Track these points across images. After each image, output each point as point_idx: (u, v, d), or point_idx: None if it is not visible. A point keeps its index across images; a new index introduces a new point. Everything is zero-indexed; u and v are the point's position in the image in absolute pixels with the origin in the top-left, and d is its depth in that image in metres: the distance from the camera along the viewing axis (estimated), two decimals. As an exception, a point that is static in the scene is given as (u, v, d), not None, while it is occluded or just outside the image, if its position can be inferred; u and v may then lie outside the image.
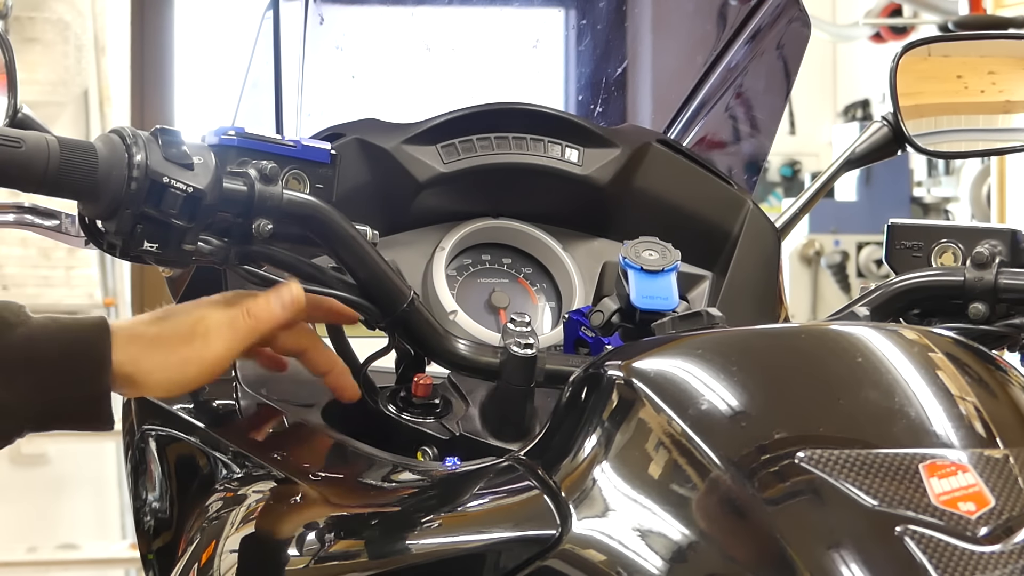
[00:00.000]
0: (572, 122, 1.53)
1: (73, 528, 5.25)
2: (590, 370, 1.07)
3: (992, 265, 1.39)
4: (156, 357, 1.20)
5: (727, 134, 1.79)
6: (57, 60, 5.28)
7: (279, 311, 1.23)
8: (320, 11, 1.56)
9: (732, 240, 1.55)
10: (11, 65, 1.46)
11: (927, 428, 0.94)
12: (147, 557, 1.46)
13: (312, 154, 1.26)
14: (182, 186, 1.16)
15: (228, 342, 1.22)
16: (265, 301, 1.23)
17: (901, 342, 1.02)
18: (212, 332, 1.21)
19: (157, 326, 1.21)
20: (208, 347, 1.21)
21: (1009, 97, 1.71)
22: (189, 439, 1.38)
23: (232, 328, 1.22)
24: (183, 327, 1.21)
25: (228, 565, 1.21)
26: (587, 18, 1.76)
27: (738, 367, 1.01)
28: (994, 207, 5.03)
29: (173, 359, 1.20)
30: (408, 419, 1.32)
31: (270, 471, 1.25)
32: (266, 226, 1.21)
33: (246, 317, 1.22)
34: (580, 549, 0.96)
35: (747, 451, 0.94)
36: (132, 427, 1.50)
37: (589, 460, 1.01)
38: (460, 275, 1.51)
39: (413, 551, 1.09)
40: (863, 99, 7.71)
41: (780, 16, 1.69)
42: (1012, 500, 0.90)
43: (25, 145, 1.15)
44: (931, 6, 6.51)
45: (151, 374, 1.20)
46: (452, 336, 1.30)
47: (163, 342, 1.20)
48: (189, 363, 1.21)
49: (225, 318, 1.22)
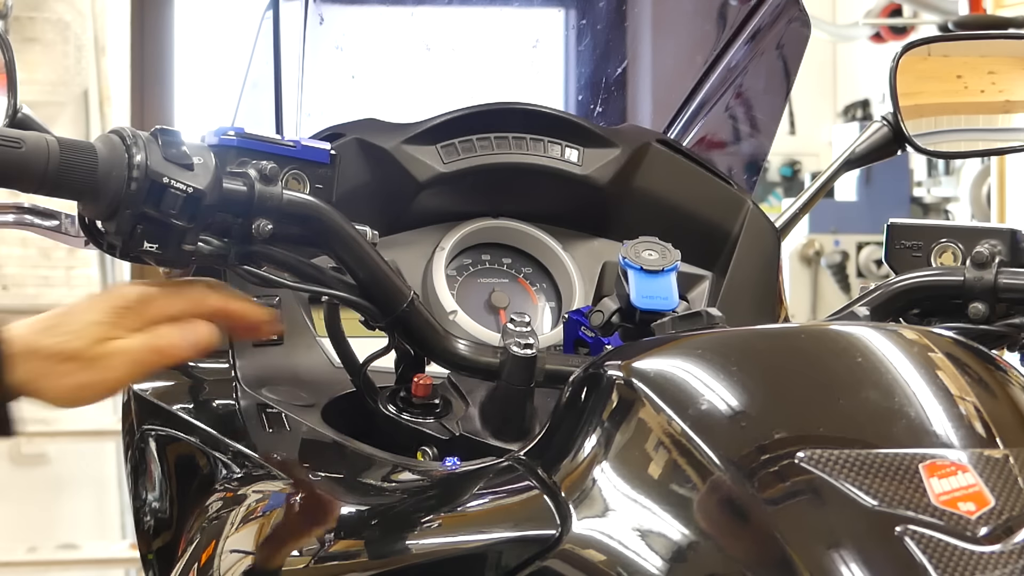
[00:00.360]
0: (572, 122, 1.53)
1: (73, 528, 5.25)
2: (590, 370, 1.07)
3: (992, 265, 1.39)
4: (53, 378, 1.16)
5: (727, 134, 1.79)
6: (57, 60, 5.28)
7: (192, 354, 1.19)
8: (320, 11, 1.56)
9: (732, 240, 1.55)
10: (11, 65, 1.46)
11: (927, 428, 0.94)
12: (147, 557, 1.46)
13: (312, 154, 1.26)
14: (182, 186, 1.16)
15: (129, 372, 1.17)
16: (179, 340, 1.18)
17: (901, 342, 1.02)
18: (115, 358, 1.16)
19: (55, 337, 1.16)
20: (108, 374, 1.16)
21: (1009, 97, 1.71)
22: (189, 439, 1.38)
23: (135, 361, 1.17)
24: (83, 346, 1.16)
25: (228, 565, 1.21)
26: (587, 18, 1.76)
27: (738, 367, 1.01)
28: (994, 207, 5.03)
29: (70, 381, 1.16)
30: (408, 419, 1.32)
31: (270, 471, 1.25)
32: (266, 226, 1.21)
33: (153, 353, 1.17)
34: (580, 549, 0.96)
35: (747, 451, 0.94)
36: (132, 427, 1.50)
37: (589, 460, 1.01)
38: (460, 275, 1.51)
39: (413, 551, 1.09)
40: (863, 99, 7.71)
41: (780, 16, 1.69)
42: (1012, 500, 0.90)
43: (25, 145, 1.15)
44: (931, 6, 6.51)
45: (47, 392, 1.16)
46: (452, 336, 1.30)
47: (61, 361, 1.15)
48: (86, 388, 1.17)
49: (129, 347, 1.16)
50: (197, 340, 1.18)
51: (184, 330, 1.18)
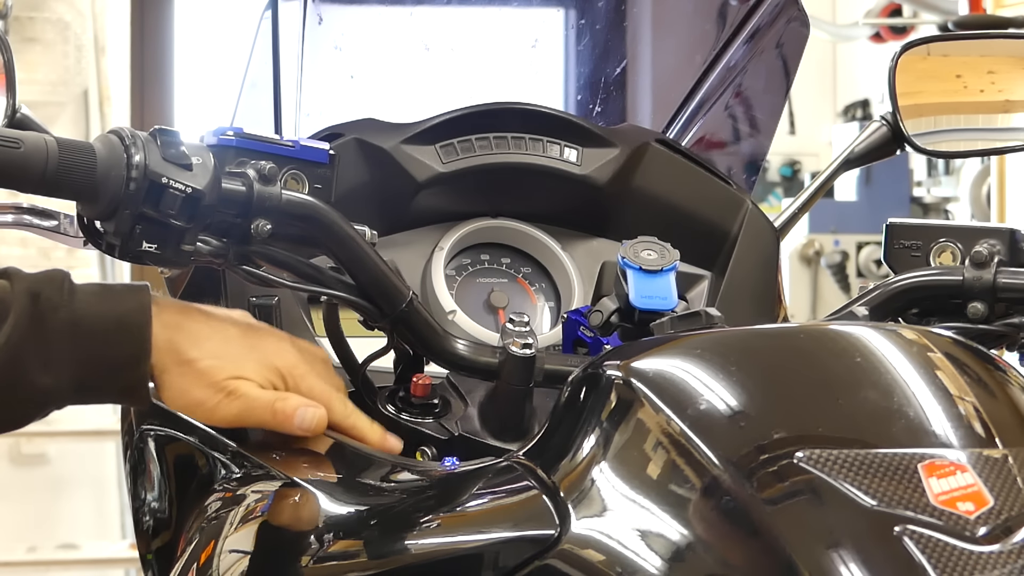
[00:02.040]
0: (571, 122, 1.53)
1: (73, 528, 5.25)
2: (589, 370, 1.07)
3: (991, 264, 1.39)
4: (177, 379, 1.21)
5: (726, 134, 1.79)
6: (57, 60, 5.29)
7: (296, 429, 1.24)
8: (319, 11, 1.56)
9: (731, 240, 1.55)
10: (10, 65, 1.46)
11: (926, 428, 0.94)
12: (146, 557, 1.46)
13: (311, 154, 1.26)
14: (181, 186, 1.16)
15: (240, 416, 1.23)
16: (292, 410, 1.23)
17: (900, 342, 1.02)
18: (235, 397, 1.22)
19: (198, 350, 1.22)
20: (221, 409, 1.22)
21: (1008, 96, 1.71)
22: (188, 439, 1.38)
23: (250, 409, 1.23)
24: (217, 372, 1.22)
25: (227, 565, 1.21)
26: (586, 18, 1.76)
27: (737, 367, 1.01)
28: (994, 207, 5.04)
29: (190, 394, 1.22)
30: (407, 419, 1.32)
31: (269, 471, 1.25)
32: (265, 226, 1.21)
33: (269, 411, 1.23)
34: (579, 549, 0.96)
35: (746, 451, 0.94)
36: (131, 427, 1.50)
37: (588, 460, 1.01)
38: (459, 275, 1.51)
39: (412, 551, 1.09)
40: (863, 99, 7.71)
41: (779, 16, 1.69)
42: (1011, 500, 0.90)
43: (24, 146, 1.15)
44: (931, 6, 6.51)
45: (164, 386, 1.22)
46: (451, 336, 1.29)
47: (192, 373, 1.21)
48: (199, 406, 1.23)
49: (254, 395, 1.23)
50: (310, 422, 1.24)
51: (305, 409, 1.24)
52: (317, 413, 1.24)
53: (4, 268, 1.19)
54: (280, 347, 1.26)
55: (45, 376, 1.16)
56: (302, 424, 1.24)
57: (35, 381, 1.16)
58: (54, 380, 1.17)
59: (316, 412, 1.24)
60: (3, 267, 1.20)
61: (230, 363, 1.23)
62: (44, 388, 1.17)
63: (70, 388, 1.18)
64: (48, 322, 1.16)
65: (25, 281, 1.17)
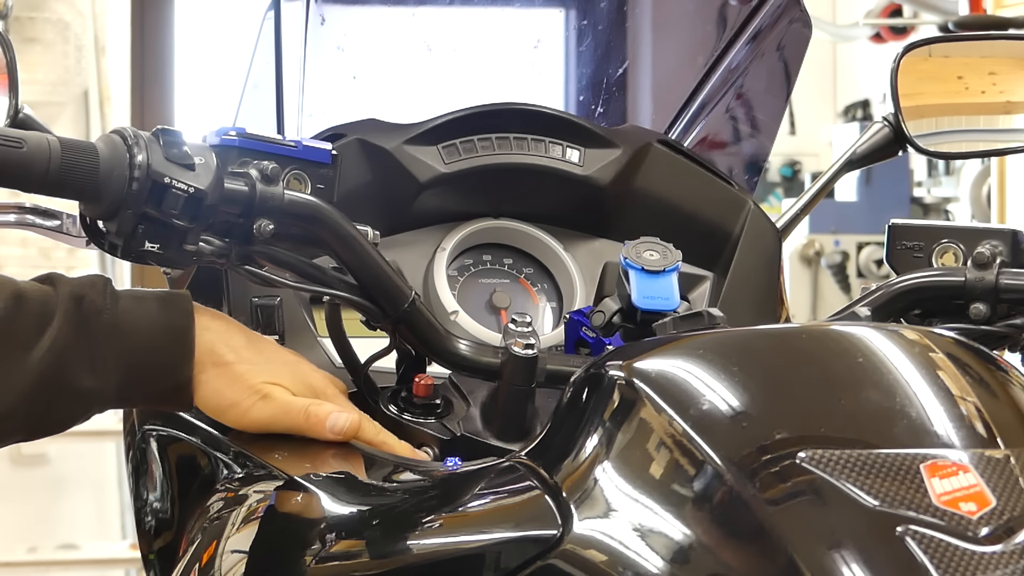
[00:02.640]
0: (573, 122, 1.53)
1: (73, 528, 5.25)
2: (591, 370, 1.07)
3: (993, 265, 1.39)
4: (215, 382, 1.23)
5: (728, 134, 1.79)
6: (57, 60, 5.28)
7: (329, 433, 1.25)
8: (321, 11, 1.56)
9: (733, 240, 1.55)
10: (12, 65, 1.46)
11: (928, 428, 0.94)
12: (148, 557, 1.46)
13: (313, 154, 1.26)
14: (183, 186, 1.17)
15: (274, 419, 1.25)
16: (325, 414, 1.25)
17: (902, 342, 1.02)
18: (270, 400, 1.24)
19: (236, 354, 1.24)
20: (255, 411, 1.24)
21: (1010, 98, 1.71)
22: (190, 439, 1.38)
23: (285, 413, 1.24)
24: (253, 376, 1.24)
25: (229, 565, 1.21)
26: (588, 18, 1.76)
27: (739, 367, 1.01)
28: (994, 207, 5.04)
29: (223, 396, 1.23)
30: (409, 419, 1.32)
31: (271, 471, 1.25)
32: (267, 226, 1.21)
33: (303, 415, 1.24)
34: (581, 549, 0.96)
35: (748, 451, 0.94)
36: (133, 427, 1.50)
37: (590, 460, 1.01)
38: (461, 275, 1.51)
39: (414, 551, 1.09)
40: (863, 99, 7.71)
41: (781, 17, 1.70)
42: (1013, 500, 0.90)
43: (26, 145, 1.15)
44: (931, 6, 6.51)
45: (199, 389, 1.23)
46: (453, 336, 1.30)
47: (229, 375, 1.23)
48: (232, 409, 1.24)
49: (288, 400, 1.24)
50: (343, 425, 1.25)
51: (338, 413, 1.25)
52: (351, 418, 1.25)
53: (47, 274, 1.21)
54: (310, 368, 1.29)
55: (90, 377, 1.18)
56: (334, 427, 1.24)
57: (80, 383, 1.17)
58: (99, 382, 1.18)
59: (349, 417, 1.25)
60: (45, 273, 1.21)
61: (266, 369, 1.25)
62: (89, 389, 1.18)
63: (114, 390, 1.19)
64: (92, 324, 1.17)
65: (68, 285, 1.19)
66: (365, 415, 1.28)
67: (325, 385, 1.28)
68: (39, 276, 1.20)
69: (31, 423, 1.19)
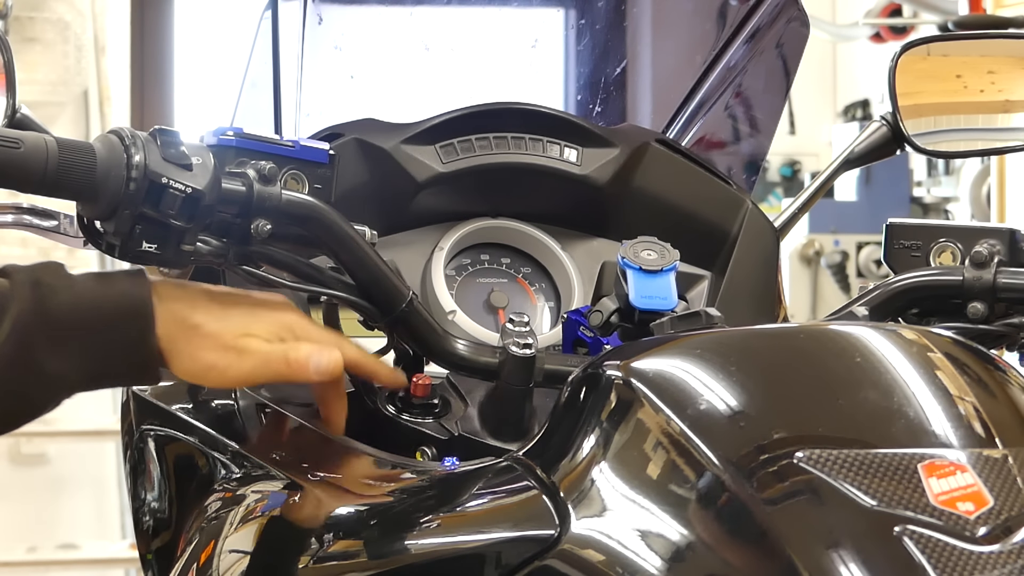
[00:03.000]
0: (571, 122, 1.53)
1: (73, 528, 5.25)
2: (589, 370, 1.07)
3: (991, 264, 1.39)
4: (188, 349, 1.20)
5: (726, 134, 1.79)
6: (57, 60, 5.29)
7: (313, 374, 1.23)
8: (319, 11, 1.56)
9: (731, 240, 1.55)
10: (10, 65, 1.46)
11: (926, 428, 0.94)
12: (146, 557, 1.46)
13: (310, 154, 1.26)
14: (181, 186, 1.16)
15: (257, 371, 1.22)
16: (306, 357, 1.22)
17: (900, 342, 1.02)
18: (247, 354, 1.21)
19: (202, 315, 1.21)
20: (234, 368, 1.21)
21: (1008, 97, 1.71)
22: (188, 439, 1.38)
23: (265, 364, 1.22)
24: (225, 333, 1.21)
25: (227, 565, 1.21)
26: (586, 18, 1.76)
27: (737, 367, 1.01)
28: (994, 207, 5.04)
29: (202, 358, 1.20)
30: (407, 419, 1.32)
31: (269, 471, 1.25)
32: (265, 226, 1.21)
33: (283, 362, 1.22)
34: (579, 549, 0.96)
35: (746, 451, 0.94)
36: (131, 427, 1.50)
37: (588, 460, 1.01)
38: (459, 275, 1.51)
39: (412, 551, 1.09)
40: (863, 99, 7.71)
41: (779, 16, 1.69)
42: (1011, 500, 0.90)
43: (24, 146, 1.15)
44: (931, 6, 6.51)
45: (177, 359, 1.20)
46: (451, 336, 1.30)
47: (200, 337, 1.20)
48: (214, 370, 1.21)
49: (265, 349, 1.22)
50: (327, 364, 1.22)
51: (319, 352, 1.22)
52: (332, 355, 1.23)
53: (2, 266, 1.19)
54: (278, 306, 1.26)
55: (54, 360, 1.16)
56: (318, 368, 1.22)
57: (46, 367, 1.16)
58: (64, 364, 1.16)
59: (331, 354, 1.23)
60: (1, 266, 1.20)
61: (236, 323, 1.22)
62: (56, 373, 1.16)
63: (81, 372, 1.17)
64: (50, 305, 1.16)
65: (23, 272, 1.17)
66: (344, 339, 1.26)
67: (295, 318, 1.25)
68: None
69: (2, 414, 1.18)
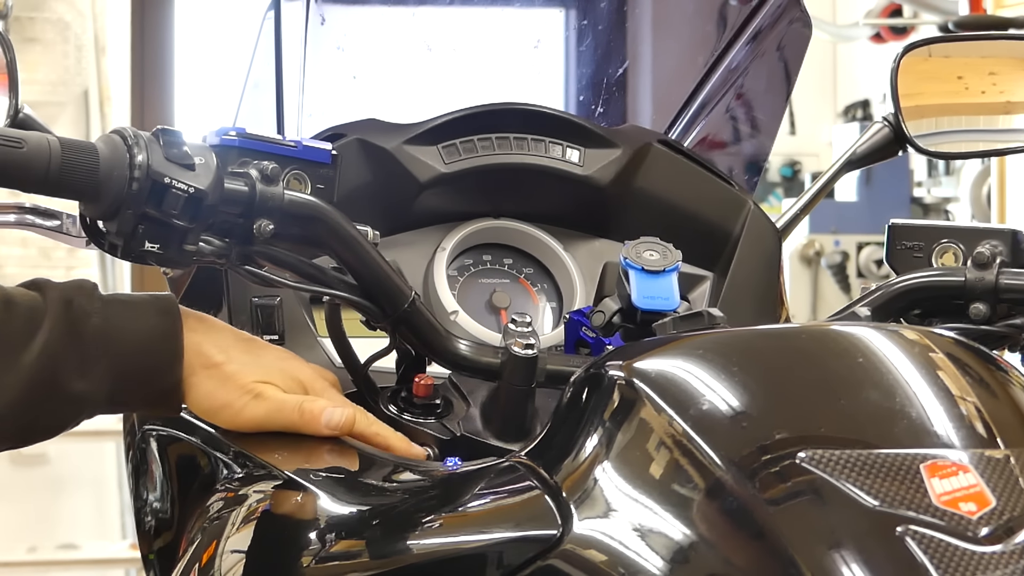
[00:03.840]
0: (573, 122, 1.53)
1: (73, 528, 5.25)
2: (591, 370, 1.07)
3: (993, 265, 1.39)
4: (206, 384, 1.23)
5: (728, 134, 1.79)
6: (57, 60, 5.29)
7: (324, 428, 1.25)
8: (321, 11, 1.56)
9: (733, 240, 1.55)
10: (12, 65, 1.46)
11: (928, 428, 0.95)
12: (148, 557, 1.45)
13: (313, 154, 1.26)
14: (183, 186, 1.16)
15: (269, 418, 1.24)
16: (320, 409, 1.24)
17: (902, 342, 1.02)
18: (262, 399, 1.24)
19: (225, 355, 1.23)
20: (248, 410, 1.24)
21: (1010, 98, 1.71)
22: (190, 439, 1.38)
23: (279, 411, 1.24)
24: (244, 375, 1.23)
25: (229, 565, 1.21)
26: (588, 18, 1.76)
27: (739, 367, 1.01)
28: (994, 207, 5.04)
29: (216, 397, 1.23)
30: (409, 419, 1.32)
31: (271, 471, 1.25)
32: (267, 226, 1.21)
33: (297, 412, 1.24)
34: (581, 549, 0.96)
35: (748, 451, 0.94)
36: (133, 427, 1.50)
37: (590, 460, 1.01)
38: (461, 275, 1.51)
39: (414, 551, 1.09)
40: (863, 99, 7.71)
41: (781, 17, 1.70)
42: (1013, 500, 0.90)
43: (26, 145, 1.15)
44: (931, 6, 6.51)
45: (192, 393, 1.23)
46: (453, 336, 1.30)
47: (220, 376, 1.23)
48: (226, 409, 1.24)
49: (281, 397, 1.24)
50: (338, 420, 1.25)
51: (333, 409, 1.25)
52: (345, 412, 1.25)
53: (34, 280, 1.20)
54: (299, 363, 1.28)
55: (81, 382, 1.17)
56: (330, 422, 1.24)
57: (71, 387, 1.17)
58: (89, 386, 1.18)
59: (344, 411, 1.25)
60: (31, 279, 1.21)
61: (256, 368, 1.24)
62: (80, 393, 1.18)
63: (104, 394, 1.19)
64: (82, 329, 1.17)
65: (56, 290, 1.19)
66: (360, 408, 1.28)
67: (317, 380, 1.28)
68: (25, 282, 1.20)
69: (22, 429, 1.19)
